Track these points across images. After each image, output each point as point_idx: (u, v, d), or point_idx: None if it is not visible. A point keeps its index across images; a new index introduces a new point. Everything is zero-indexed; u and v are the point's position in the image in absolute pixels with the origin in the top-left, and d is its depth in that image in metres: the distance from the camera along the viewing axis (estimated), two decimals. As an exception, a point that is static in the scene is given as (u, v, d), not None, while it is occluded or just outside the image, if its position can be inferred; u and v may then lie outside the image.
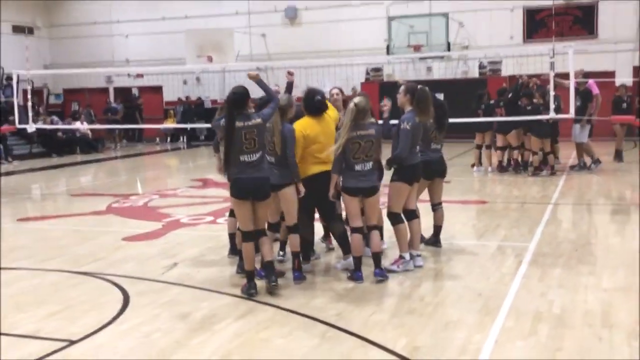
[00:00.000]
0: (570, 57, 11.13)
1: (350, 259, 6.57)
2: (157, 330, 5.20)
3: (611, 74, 20.15)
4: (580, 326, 5.11)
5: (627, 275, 6.44)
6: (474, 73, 23.21)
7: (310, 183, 6.58)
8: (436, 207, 7.69)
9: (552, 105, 11.25)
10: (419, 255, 6.95)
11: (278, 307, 5.71)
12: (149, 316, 5.52)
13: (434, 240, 7.71)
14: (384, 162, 6.77)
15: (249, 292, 5.97)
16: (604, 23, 21.24)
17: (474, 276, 6.58)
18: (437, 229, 7.72)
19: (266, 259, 6.13)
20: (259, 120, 6.03)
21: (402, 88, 6.96)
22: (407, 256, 6.76)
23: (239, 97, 5.98)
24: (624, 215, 9.49)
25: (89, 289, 6.41)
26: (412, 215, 6.96)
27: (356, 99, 6.34)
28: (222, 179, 13.70)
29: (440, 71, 23.26)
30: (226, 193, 12.32)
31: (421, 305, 5.71)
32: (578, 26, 21.72)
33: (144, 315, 5.55)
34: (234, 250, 7.17)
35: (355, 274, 6.41)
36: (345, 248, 6.84)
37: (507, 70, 21.83)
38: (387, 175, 6.94)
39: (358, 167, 6.30)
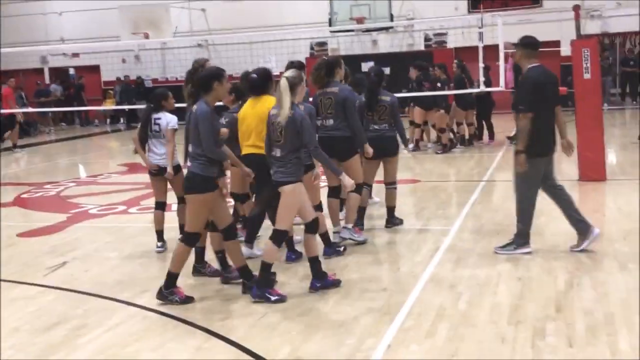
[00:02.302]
0: (500, 28, 10.66)
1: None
2: (10, 347, 4.59)
3: (556, 44, 19.82)
4: (484, 324, 4.65)
5: (547, 259, 6.02)
6: (420, 46, 22.71)
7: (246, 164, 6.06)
8: (387, 186, 7.40)
9: (481, 79, 10.79)
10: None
11: (161, 313, 5.14)
12: (7, 331, 4.90)
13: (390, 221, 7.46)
14: None
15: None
16: (548, -8, 20.90)
17: (384, 267, 6.12)
18: (389, 209, 7.46)
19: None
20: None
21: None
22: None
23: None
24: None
25: (-45, 297, 5.76)
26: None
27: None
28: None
29: (386, 44, 22.74)
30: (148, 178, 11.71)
31: (319, 305, 5.20)
32: (522, -4, 21.32)
33: (1, 329, 4.92)
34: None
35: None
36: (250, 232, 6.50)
37: (453, 42, 21.39)
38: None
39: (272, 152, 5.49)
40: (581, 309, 4.84)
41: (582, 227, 6.25)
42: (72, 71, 26.21)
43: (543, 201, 8.31)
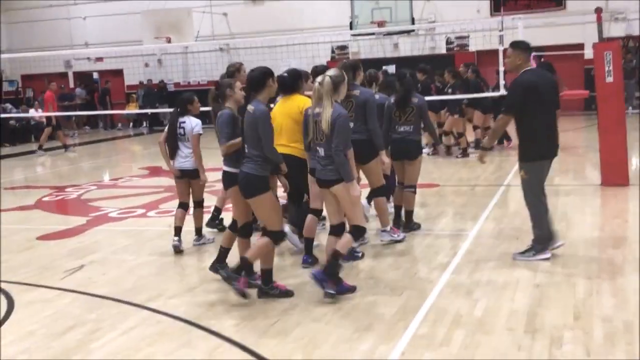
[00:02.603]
0: (520, 31, 10.55)
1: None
2: (24, 352, 4.62)
3: (580, 46, 19.62)
4: (500, 331, 4.58)
5: (566, 266, 5.92)
6: (442, 49, 22.59)
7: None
8: (405, 189, 7.35)
9: (501, 82, 10.68)
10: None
11: (174, 317, 5.14)
12: (22, 334, 4.93)
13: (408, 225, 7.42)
14: None
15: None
16: (572, -6, 20.68)
17: (401, 272, 6.04)
18: (407, 213, 7.42)
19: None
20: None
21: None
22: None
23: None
24: (576, 196, 8.96)
25: (-26, 299, 5.81)
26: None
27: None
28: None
29: (407, 47, 22.65)
30: (170, 182, 11.75)
31: (332, 310, 5.15)
32: (546, -2, 21.11)
33: (16, 332, 4.96)
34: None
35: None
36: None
37: (475, 45, 21.23)
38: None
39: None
40: (600, 316, 4.75)
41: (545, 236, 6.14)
42: (95, 75, 26.47)
43: (564, 207, 8.25)
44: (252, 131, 5.22)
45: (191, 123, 6.92)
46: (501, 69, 10.78)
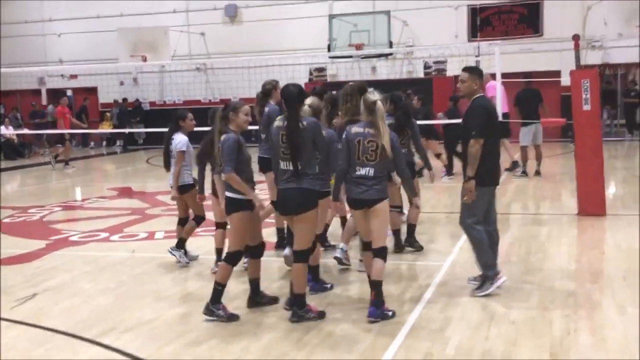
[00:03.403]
0: (497, 57, 10.41)
1: None
2: (-41, 391, 4.26)
3: (557, 74, 19.63)
4: (472, 374, 4.32)
5: (542, 300, 5.69)
6: (420, 73, 22.54)
7: None
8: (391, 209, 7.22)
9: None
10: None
11: (126, 354, 4.80)
12: (-40, 371, 4.57)
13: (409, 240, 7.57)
14: None
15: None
16: (550, 21, 20.76)
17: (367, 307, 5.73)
18: (394, 232, 7.48)
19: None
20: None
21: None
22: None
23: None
24: (552, 225, 8.77)
25: None
26: None
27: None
28: (140, 188, 12.80)
29: (385, 71, 22.58)
30: (138, 204, 11.41)
31: (296, 348, 4.86)
32: (523, 25, 21.17)
33: (-46, 369, 4.60)
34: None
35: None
36: None
37: (452, 70, 21.18)
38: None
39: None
40: (577, 356, 4.51)
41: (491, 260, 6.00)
42: (69, 92, 26.03)
43: (541, 237, 8.05)
44: (306, 145, 5.24)
45: (176, 140, 7.04)
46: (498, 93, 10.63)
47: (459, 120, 11.77)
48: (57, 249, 8.18)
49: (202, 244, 7.97)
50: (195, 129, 7.29)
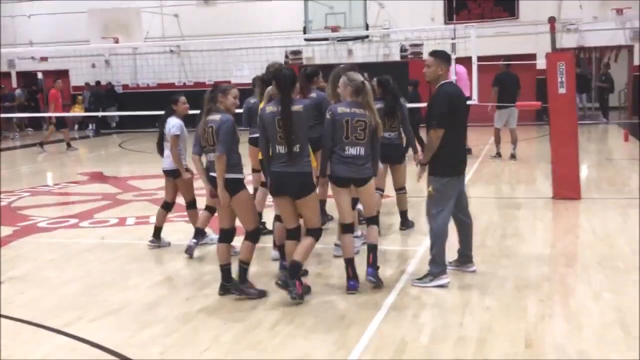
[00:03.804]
0: (473, 40, 10.33)
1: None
2: None
3: (532, 57, 19.64)
4: (446, 362, 4.25)
5: (517, 286, 5.63)
6: (396, 56, 22.42)
7: None
8: (397, 192, 7.77)
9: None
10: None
11: (92, 344, 4.66)
12: None
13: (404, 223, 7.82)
14: None
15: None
16: (526, 4, 20.74)
17: (343, 294, 5.63)
18: (402, 213, 7.81)
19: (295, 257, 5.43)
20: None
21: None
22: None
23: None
24: (527, 209, 8.74)
25: None
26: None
27: None
28: (112, 172, 12.52)
29: (361, 54, 22.42)
30: (109, 189, 11.20)
31: (269, 336, 4.75)
32: (499, 8, 21.15)
33: None
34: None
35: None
36: None
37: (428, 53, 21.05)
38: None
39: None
40: (552, 344, 4.45)
41: (465, 260, 6.03)
42: (40, 75, 25.54)
43: (516, 221, 8.02)
44: (302, 127, 5.29)
45: (170, 123, 6.96)
46: (453, 77, 10.53)
47: (420, 105, 11.82)
48: (24, 236, 7.97)
49: (174, 229, 7.82)
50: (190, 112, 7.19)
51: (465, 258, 6.02)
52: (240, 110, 6.62)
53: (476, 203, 9.54)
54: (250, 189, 6.06)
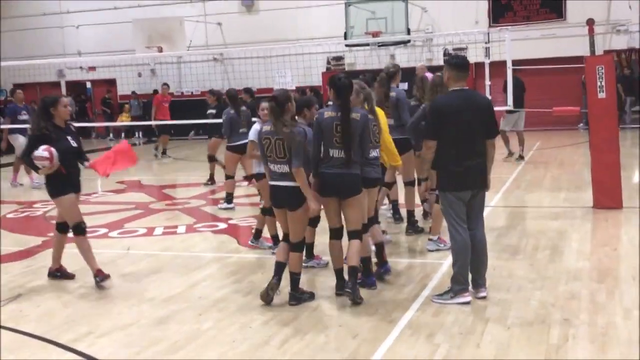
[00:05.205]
0: (508, 44, 10.00)
1: None
2: None
3: (580, 60, 19.01)
4: (457, 386, 4.02)
5: (543, 303, 5.34)
6: (439, 60, 22.03)
7: None
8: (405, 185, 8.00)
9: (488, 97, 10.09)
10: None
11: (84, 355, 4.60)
12: None
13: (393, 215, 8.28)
14: None
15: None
16: (573, 6, 20.12)
17: (360, 308, 5.46)
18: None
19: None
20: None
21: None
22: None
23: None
24: (565, 220, 8.37)
25: None
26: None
27: None
28: (150, 181, 12.61)
29: (403, 58, 22.13)
30: (144, 198, 11.26)
31: (280, 353, 4.61)
32: (546, 9, 20.57)
33: None
34: None
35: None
36: None
37: (472, 57, 20.65)
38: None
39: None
40: (573, 368, 4.18)
41: (474, 283, 5.58)
42: (88, 85, 26.07)
43: (551, 232, 7.67)
44: (357, 133, 5.52)
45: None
46: (487, 82, 10.23)
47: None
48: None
49: (198, 241, 7.77)
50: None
51: (473, 281, 5.58)
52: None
53: (513, 212, 9.23)
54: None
